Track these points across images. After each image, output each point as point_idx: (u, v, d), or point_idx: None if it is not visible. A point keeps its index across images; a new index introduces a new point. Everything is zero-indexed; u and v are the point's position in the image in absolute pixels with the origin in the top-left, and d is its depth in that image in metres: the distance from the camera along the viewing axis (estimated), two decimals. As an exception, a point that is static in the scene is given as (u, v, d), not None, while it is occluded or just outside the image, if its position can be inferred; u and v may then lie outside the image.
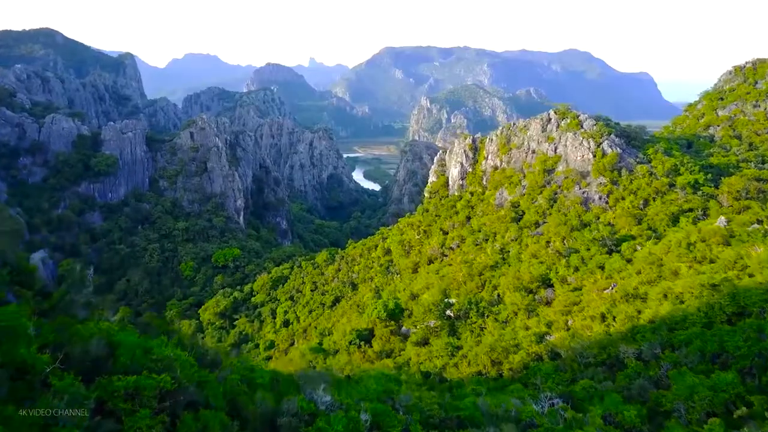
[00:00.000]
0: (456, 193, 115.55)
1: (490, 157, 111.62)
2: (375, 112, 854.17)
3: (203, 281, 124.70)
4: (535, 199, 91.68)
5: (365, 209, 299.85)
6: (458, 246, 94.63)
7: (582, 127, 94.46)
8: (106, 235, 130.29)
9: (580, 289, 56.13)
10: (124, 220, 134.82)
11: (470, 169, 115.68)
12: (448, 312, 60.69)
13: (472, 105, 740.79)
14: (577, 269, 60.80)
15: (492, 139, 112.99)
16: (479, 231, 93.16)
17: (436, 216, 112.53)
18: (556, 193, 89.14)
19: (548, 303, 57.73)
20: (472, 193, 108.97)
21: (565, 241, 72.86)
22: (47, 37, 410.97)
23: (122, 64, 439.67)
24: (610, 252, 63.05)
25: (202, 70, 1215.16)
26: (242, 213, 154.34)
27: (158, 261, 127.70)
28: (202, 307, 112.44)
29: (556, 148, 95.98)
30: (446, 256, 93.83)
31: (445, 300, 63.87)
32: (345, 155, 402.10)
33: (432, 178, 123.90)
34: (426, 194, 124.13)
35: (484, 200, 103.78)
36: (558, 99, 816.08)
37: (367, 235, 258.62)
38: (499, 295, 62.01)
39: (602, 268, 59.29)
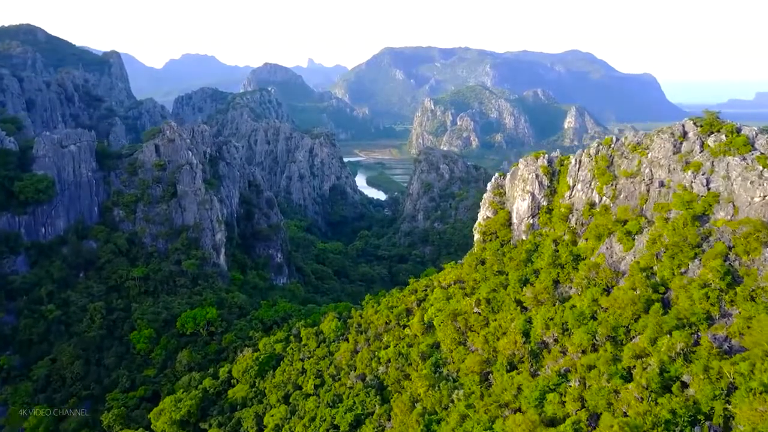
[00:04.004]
0: (525, 238, 79.56)
1: (579, 186, 75.71)
2: (375, 114, 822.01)
3: (162, 359, 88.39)
4: (684, 268, 55.71)
5: (372, 225, 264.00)
6: (556, 341, 58.54)
7: (754, 147, 58.69)
8: (30, 290, 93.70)
9: None
10: (58, 266, 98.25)
11: (545, 203, 79.80)
12: None
13: (478, 107, 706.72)
14: None
15: (580, 161, 77.01)
16: (593, 318, 57.14)
17: (498, 273, 76.47)
18: (727, 260, 53.22)
19: None
20: (556, 242, 72.85)
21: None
22: (27, 33, 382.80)
23: (107, 63, 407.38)
24: None
25: (200, 71, 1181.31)
26: (223, 250, 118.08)
27: (101, 327, 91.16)
28: (156, 408, 76.05)
29: (707, 182, 60.07)
30: (538, 360, 57.67)
31: None
32: (346, 159, 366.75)
33: (486, 213, 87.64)
34: (477, 235, 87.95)
35: (581, 257, 67.66)
36: (561, 100, 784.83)
37: (376, 257, 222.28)
38: None
39: None
